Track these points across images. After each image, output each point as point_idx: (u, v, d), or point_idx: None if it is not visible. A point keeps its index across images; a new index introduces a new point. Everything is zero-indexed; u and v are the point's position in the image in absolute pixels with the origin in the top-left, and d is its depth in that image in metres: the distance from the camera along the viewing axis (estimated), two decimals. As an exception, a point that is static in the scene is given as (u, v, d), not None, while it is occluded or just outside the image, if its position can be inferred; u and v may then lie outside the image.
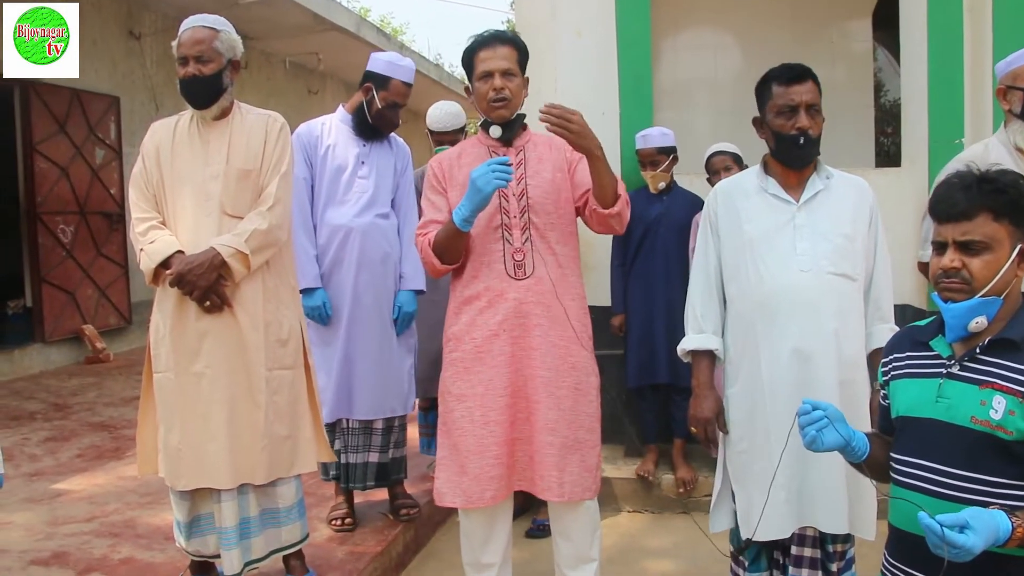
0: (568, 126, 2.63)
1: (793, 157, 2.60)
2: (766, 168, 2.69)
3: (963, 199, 1.77)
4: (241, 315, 2.93)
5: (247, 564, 3.01)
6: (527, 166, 2.91)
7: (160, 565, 3.43)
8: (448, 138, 4.33)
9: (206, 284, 2.83)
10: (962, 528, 1.55)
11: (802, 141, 2.55)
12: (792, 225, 2.60)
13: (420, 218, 3.03)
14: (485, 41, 2.89)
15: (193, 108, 3.01)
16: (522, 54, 2.92)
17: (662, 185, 4.37)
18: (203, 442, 2.90)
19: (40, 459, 5.06)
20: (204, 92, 2.95)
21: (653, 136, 4.44)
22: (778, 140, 2.60)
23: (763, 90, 2.64)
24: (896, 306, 2.75)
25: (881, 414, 2.05)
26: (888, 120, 7.96)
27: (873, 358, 2.61)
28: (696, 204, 4.41)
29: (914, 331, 1.98)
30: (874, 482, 2.04)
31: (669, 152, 4.42)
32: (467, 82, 2.99)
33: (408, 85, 3.75)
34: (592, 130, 2.69)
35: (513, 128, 2.92)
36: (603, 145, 2.76)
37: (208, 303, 2.87)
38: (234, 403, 2.92)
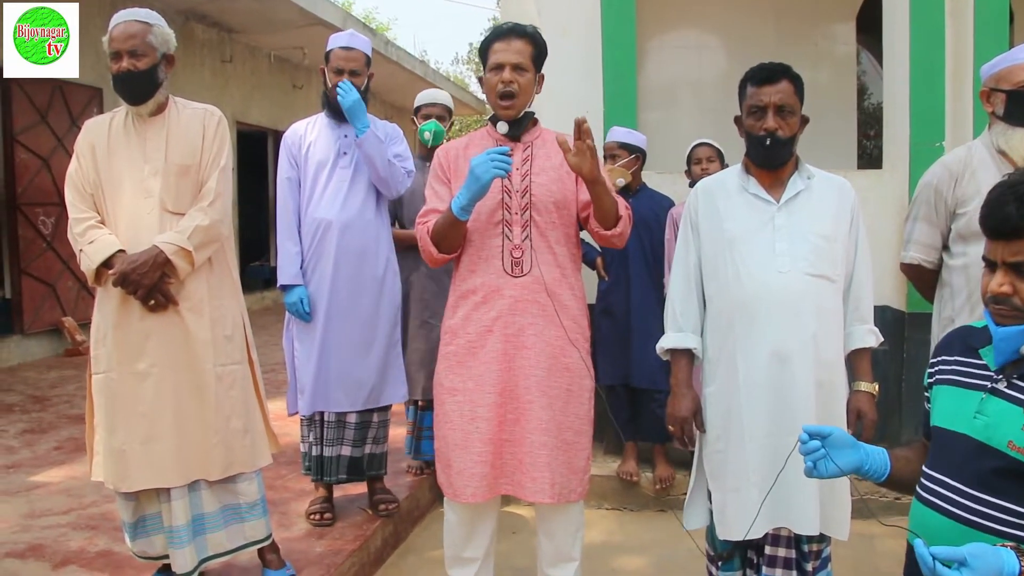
0: (581, 146, 2.62)
1: (761, 157, 2.61)
2: (747, 167, 2.68)
3: (1015, 215, 1.58)
4: (187, 312, 2.90)
5: (208, 558, 3.01)
6: (533, 162, 2.88)
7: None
8: (435, 111, 4.43)
9: (150, 283, 2.80)
10: (960, 564, 1.42)
11: (768, 142, 2.55)
12: (772, 225, 2.59)
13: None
14: (502, 33, 2.87)
15: (128, 104, 2.95)
16: (538, 50, 2.89)
17: (620, 182, 4.30)
18: (148, 441, 2.88)
19: (17, 451, 5.02)
20: (139, 87, 2.90)
21: (617, 131, 4.49)
22: (748, 140, 2.62)
23: (741, 89, 2.66)
24: (876, 307, 2.76)
25: (924, 419, 1.90)
26: (871, 123, 8.01)
27: (851, 359, 2.63)
28: (663, 204, 4.46)
29: (968, 333, 1.82)
30: (851, 483, 1.95)
31: (631, 150, 4.42)
32: (481, 72, 2.97)
33: (346, 49, 3.72)
34: (597, 157, 2.70)
35: (520, 125, 2.90)
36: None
37: (153, 302, 2.85)
38: (181, 401, 2.90)
